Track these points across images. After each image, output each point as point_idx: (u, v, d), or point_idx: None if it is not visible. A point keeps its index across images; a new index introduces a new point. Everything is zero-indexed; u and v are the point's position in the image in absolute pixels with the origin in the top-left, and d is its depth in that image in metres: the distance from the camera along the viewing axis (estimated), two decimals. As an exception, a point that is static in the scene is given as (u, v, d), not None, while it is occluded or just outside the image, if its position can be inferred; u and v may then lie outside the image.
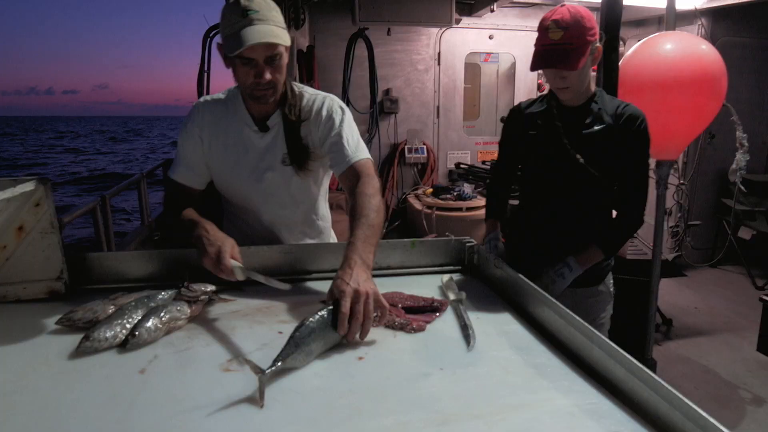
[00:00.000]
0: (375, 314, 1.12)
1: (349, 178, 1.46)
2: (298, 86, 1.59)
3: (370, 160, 1.51)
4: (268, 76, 1.39)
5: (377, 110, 5.00)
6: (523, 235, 1.87)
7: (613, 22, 2.26)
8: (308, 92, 1.59)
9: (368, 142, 5.06)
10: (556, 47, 1.54)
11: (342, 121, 1.53)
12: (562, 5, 1.56)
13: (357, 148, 1.50)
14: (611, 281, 1.88)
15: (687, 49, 2.51)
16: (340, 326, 1.06)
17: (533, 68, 1.61)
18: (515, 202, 1.91)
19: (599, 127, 1.65)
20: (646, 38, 2.70)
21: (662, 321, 3.78)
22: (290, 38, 1.42)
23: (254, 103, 1.50)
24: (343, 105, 1.59)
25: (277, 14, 1.40)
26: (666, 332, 3.72)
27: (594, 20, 1.58)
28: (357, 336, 1.09)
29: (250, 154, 1.56)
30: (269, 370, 0.93)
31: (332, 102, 1.57)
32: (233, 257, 1.27)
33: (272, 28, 1.36)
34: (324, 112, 1.54)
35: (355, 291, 1.09)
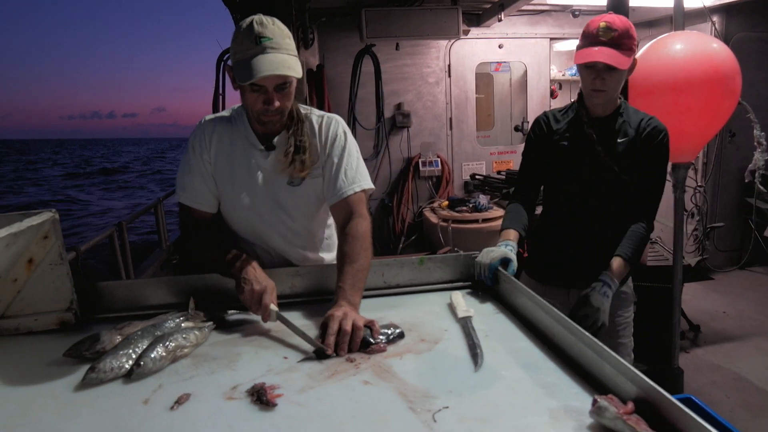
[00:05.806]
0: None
1: (340, 213, 1.51)
2: (305, 109, 1.58)
3: (365, 191, 1.54)
4: (277, 103, 1.39)
5: (384, 126, 5.01)
6: (553, 246, 1.87)
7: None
8: (315, 114, 1.59)
9: (375, 157, 5.07)
10: (607, 46, 1.57)
11: (343, 148, 1.54)
12: (609, 13, 1.62)
13: (354, 179, 1.52)
14: (632, 284, 1.90)
15: (696, 49, 2.46)
16: (327, 344, 1.15)
17: (580, 60, 1.62)
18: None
19: (623, 140, 1.69)
20: (653, 40, 2.66)
21: (689, 327, 3.67)
22: (301, 63, 1.41)
23: (260, 126, 1.50)
24: (347, 129, 1.59)
25: (290, 41, 1.39)
26: (693, 339, 3.61)
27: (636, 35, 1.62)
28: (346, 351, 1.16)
29: (256, 174, 1.54)
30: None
31: (337, 125, 1.57)
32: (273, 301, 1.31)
33: (285, 58, 1.35)
34: (330, 134, 1.55)
35: (344, 314, 1.21)
